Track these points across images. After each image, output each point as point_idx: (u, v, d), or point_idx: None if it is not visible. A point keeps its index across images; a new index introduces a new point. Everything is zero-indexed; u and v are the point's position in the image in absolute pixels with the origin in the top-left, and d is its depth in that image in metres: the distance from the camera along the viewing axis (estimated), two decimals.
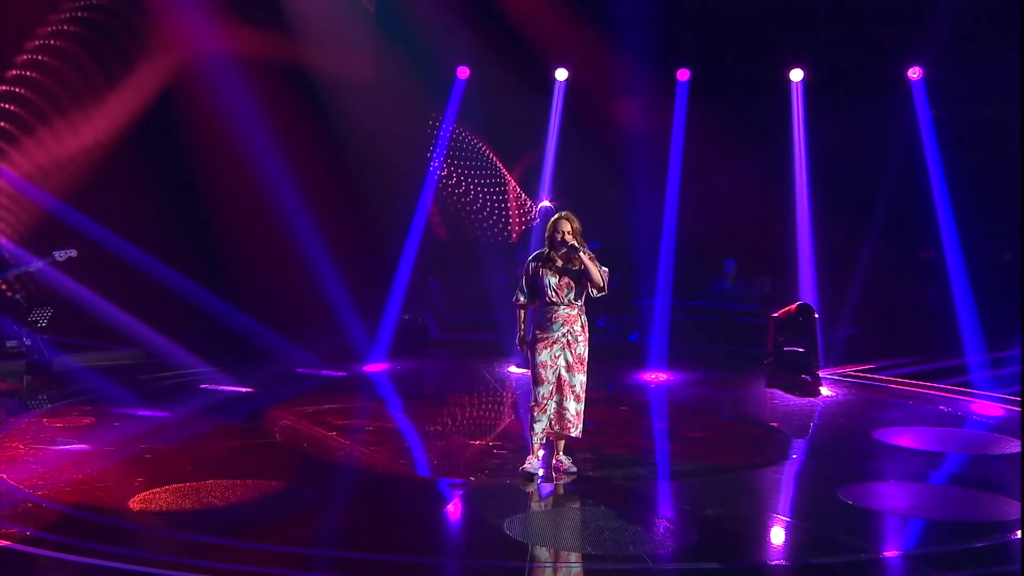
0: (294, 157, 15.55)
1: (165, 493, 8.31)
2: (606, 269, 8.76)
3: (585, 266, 8.62)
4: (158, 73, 15.29)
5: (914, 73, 16.25)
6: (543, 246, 8.88)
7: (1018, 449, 10.27)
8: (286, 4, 16.06)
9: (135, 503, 8.07)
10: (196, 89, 15.21)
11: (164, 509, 7.99)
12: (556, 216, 8.82)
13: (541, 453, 8.96)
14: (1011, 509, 8.29)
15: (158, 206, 15.20)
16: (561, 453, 9.06)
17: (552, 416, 8.84)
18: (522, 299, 8.89)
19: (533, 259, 8.89)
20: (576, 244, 8.63)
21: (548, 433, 8.91)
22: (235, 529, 7.59)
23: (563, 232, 8.65)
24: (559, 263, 8.75)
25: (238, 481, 8.68)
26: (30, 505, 7.98)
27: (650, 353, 14.88)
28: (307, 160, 15.86)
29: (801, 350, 12.76)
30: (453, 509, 8.44)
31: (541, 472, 8.85)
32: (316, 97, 16.11)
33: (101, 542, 7.11)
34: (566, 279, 8.74)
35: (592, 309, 9.18)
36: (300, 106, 15.96)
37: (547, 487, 8.82)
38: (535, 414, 8.83)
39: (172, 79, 15.32)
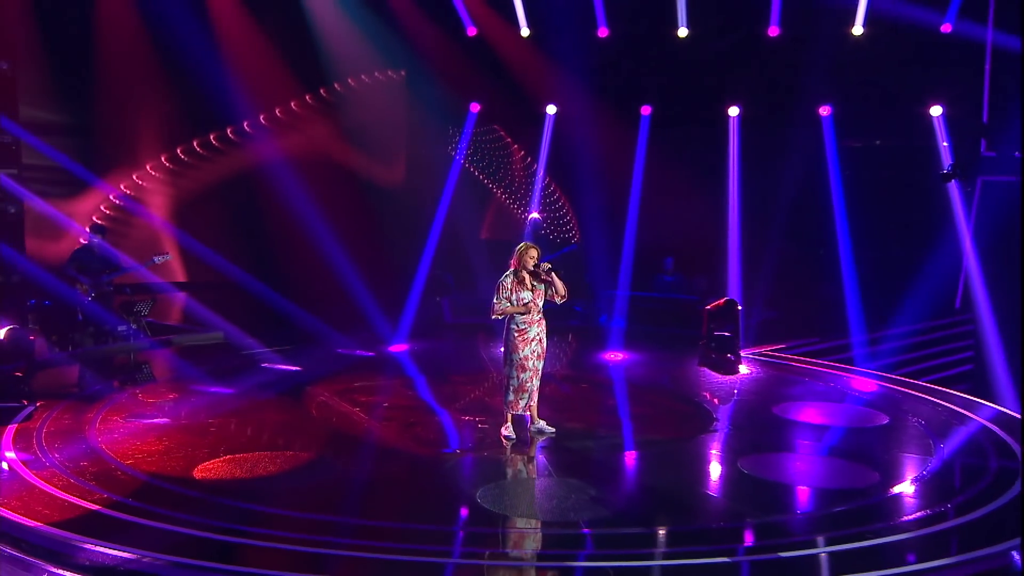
0: (338, 192, 15.92)
1: (222, 463, 8.38)
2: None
3: (555, 283, 8.91)
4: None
5: (824, 110, 16.15)
6: (515, 264, 8.99)
7: (885, 421, 10.27)
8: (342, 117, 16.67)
9: (199, 472, 8.14)
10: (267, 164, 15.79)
11: (221, 477, 8.06)
12: (525, 246, 9.02)
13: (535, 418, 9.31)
14: (871, 477, 8.32)
15: (241, 229, 15.80)
16: (539, 420, 9.30)
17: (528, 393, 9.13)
18: (504, 308, 8.97)
19: (508, 279, 8.97)
20: (550, 267, 8.91)
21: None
22: (275, 497, 7.63)
23: (534, 258, 8.89)
24: (530, 282, 8.88)
25: (279, 453, 8.71)
26: (119, 473, 8.06)
27: (612, 335, 14.74)
28: (347, 192, 16.28)
29: (727, 335, 12.69)
30: (440, 480, 8.38)
31: (515, 436, 9.10)
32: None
33: (168, 508, 7.16)
34: (537, 293, 8.97)
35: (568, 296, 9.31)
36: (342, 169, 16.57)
37: (515, 459, 8.87)
38: (519, 395, 9.08)
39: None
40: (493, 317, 9.11)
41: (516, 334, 9.01)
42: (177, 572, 6.22)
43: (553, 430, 9.26)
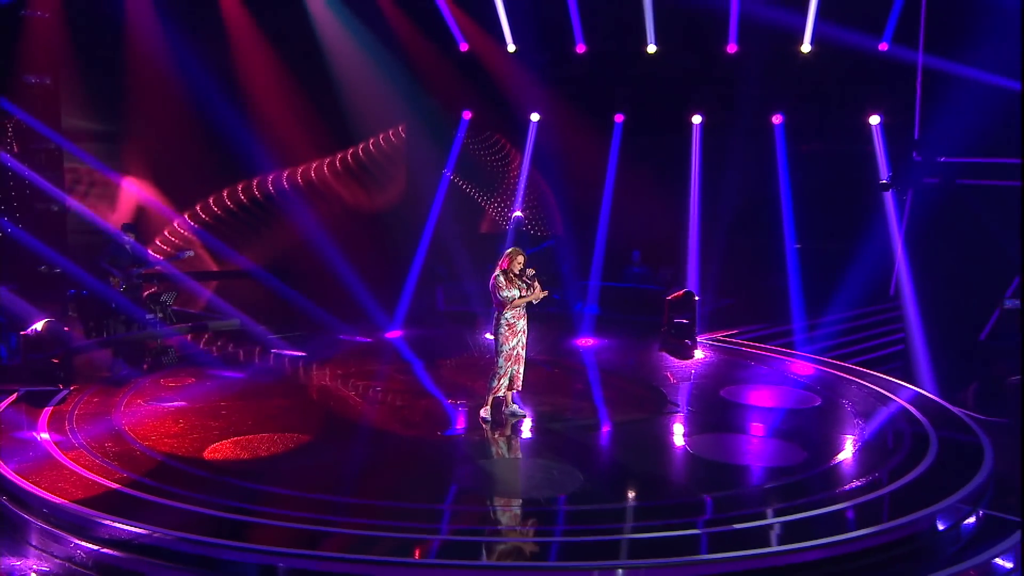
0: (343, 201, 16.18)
1: (229, 444, 8.40)
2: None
3: (534, 288, 9.06)
4: None
5: (776, 119, 16.14)
6: (505, 265, 9.03)
7: (818, 403, 10.29)
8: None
9: (208, 452, 8.17)
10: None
11: (227, 458, 8.08)
12: (515, 252, 9.12)
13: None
14: (798, 455, 8.36)
15: (256, 229, 16.01)
16: (512, 404, 9.35)
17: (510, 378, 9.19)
18: (518, 300, 9.01)
19: (501, 278, 9.01)
20: (534, 272, 9.07)
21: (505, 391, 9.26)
22: (276, 477, 7.61)
23: (521, 264, 9.02)
24: (518, 282, 8.94)
25: (279, 435, 8.69)
26: (138, 453, 8.10)
27: (584, 322, 14.57)
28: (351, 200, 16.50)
29: (685, 322, 12.59)
30: (422, 460, 8.38)
31: (491, 418, 9.15)
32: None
33: (179, 487, 7.19)
34: (523, 291, 9.04)
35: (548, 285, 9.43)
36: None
37: (490, 441, 8.86)
38: (501, 381, 9.12)
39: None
40: (509, 307, 9.03)
41: (506, 327, 9.07)
42: (183, 547, 6.29)
43: (525, 413, 9.32)
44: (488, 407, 9.22)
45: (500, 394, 9.22)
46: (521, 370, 9.24)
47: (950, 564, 6.46)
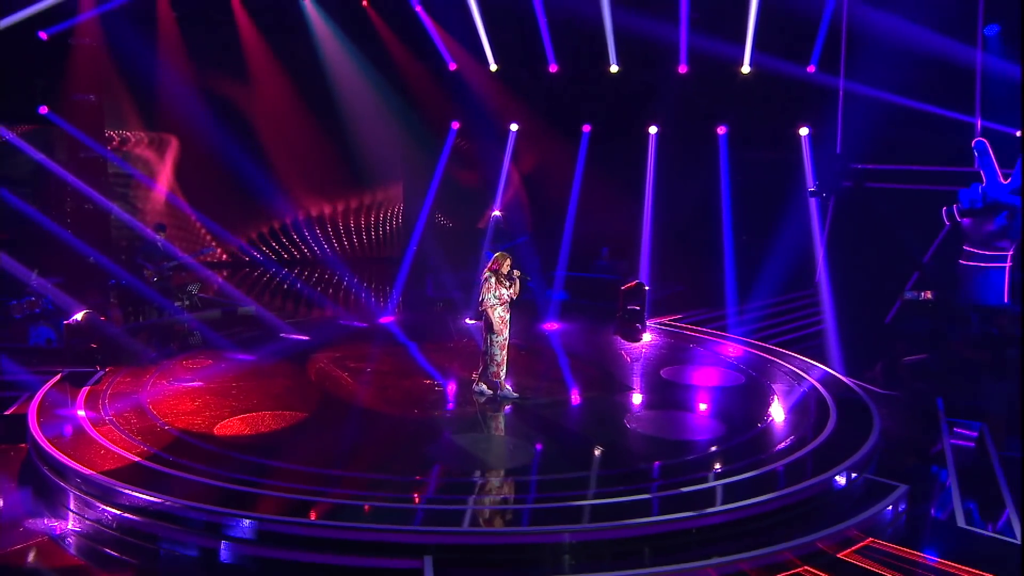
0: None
1: (237, 421, 8.42)
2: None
3: (516, 285, 9.12)
4: None
5: (720, 130, 16.16)
6: (495, 267, 9.14)
7: (741, 381, 10.37)
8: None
9: (219, 429, 8.18)
10: None
11: (234, 434, 8.11)
12: (503, 255, 9.23)
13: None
14: (719, 428, 8.46)
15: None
16: (481, 384, 9.39)
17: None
18: (494, 303, 9.07)
19: (492, 280, 9.10)
20: (519, 273, 9.17)
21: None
22: (273, 450, 7.64)
23: (508, 266, 9.11)
24: (506, 282, 9.03)
25: (280, 412, 8.71)
26: (158, 429, 8.14)
27: (552, 308, 14.46)
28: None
29: (637, 309, 12.57)
30: (400, 436, 8.36)
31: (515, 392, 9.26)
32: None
33: (192, 460, 7.25)
34: (507, 288, 9.12)
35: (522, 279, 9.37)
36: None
37: (460, 419, 8.82)
38: (503, 368, 9.22)
39: None
40: (481, 309, 9.08)
41: (499, 321, 9.14)
42: (191, 514, 6.40)
43: (492, 392, 9.35)
44: (504, 384, 9.24)
45: (502, 376, 9.22)
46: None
47: (842, 520, 6.60)
